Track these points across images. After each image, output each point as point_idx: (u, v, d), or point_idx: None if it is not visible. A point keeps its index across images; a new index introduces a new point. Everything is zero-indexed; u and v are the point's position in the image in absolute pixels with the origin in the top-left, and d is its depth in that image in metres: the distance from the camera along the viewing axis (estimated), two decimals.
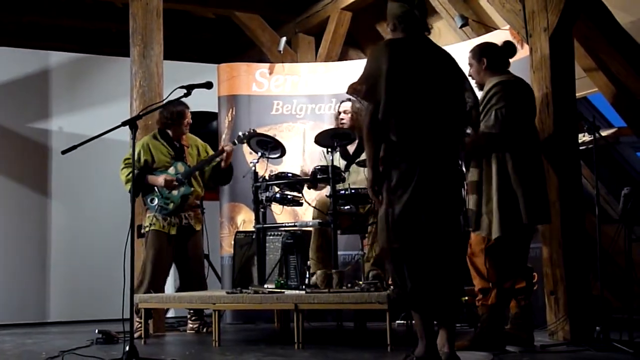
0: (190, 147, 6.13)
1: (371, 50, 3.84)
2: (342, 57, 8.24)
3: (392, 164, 3.68)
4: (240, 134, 6.12)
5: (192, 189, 5.98)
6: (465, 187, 4.44)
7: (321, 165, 5.62)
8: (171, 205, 5.91)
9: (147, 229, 5.93)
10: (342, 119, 6.00)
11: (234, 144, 6.15)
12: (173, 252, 6.00)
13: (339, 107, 6.12)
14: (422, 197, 3.62)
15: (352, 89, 3.81)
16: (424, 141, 3.68)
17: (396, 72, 3.67)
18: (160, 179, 5.88)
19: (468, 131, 4.16)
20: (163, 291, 5.97)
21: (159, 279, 5.88)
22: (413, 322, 3.79)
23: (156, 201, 5.92)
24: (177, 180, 5.89)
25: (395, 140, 3.68)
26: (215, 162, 6.08)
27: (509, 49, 4.74)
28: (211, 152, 6.17)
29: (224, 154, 6.02)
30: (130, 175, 5.79)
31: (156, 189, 5.91)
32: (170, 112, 5.94)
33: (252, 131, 6.07)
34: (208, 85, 4.45)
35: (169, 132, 6.05)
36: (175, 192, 5.91)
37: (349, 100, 5.97)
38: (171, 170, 5.97)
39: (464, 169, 4.45)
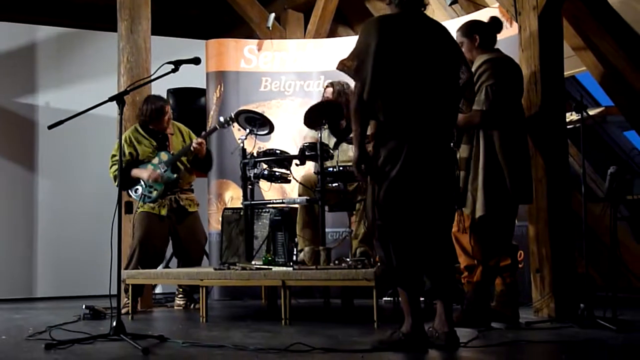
0: (174, 134, 6.13)
1: (362, 26, 3.80)
2: (331, 34, 8.20)
3: (380, 141, 3.68)
4: (221, 118, 6.11)
5: (175, 175, 5.96)
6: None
7: (309, 142, 5.62)
8: (154, 193, 5.92)
9: (137, 211, 5.94)
10: None
11: (216, 128, 6.13)
12: (167, 232, 5.99)
13: (324, 91, 6.11)
14: (409, 174, 3.63)
15: (342, 65, 3.79)
16: (412, 119, 3.67)
17: (385, 50, 3.63)
18: (144, 174, 5.90)
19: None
20: None
21: (147, 260, 5.82)
22: (400, 299, 3.81)
23: (140, 190, 5.93)
24: (161, 176, 5.89)
25: (382, 119, 3.68)
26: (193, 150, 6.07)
27: (496, 25, 4.73)
28: (194, 138, 6.12)
29: (196, 147, 5.97)
30: (117, 171, 5.79)
31: (140, 180, 5.94)
32: (149, 109, 5.93)
33: (233, 117, 6.06)
34: (196, 61, 4.43)
35: (151, 126, 6.04)
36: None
37: (331, 85, 5.97)
38: (155, 160, 5.96)
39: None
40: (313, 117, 5.49)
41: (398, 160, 3.62)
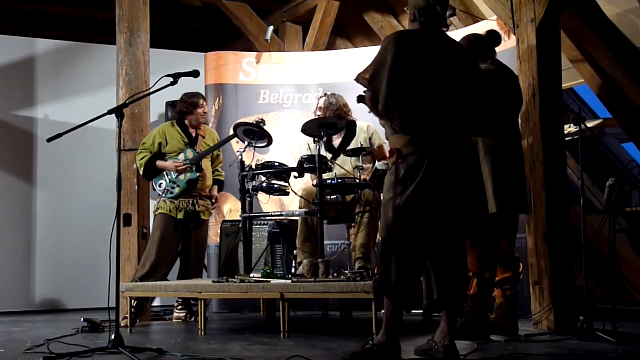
0: (206, 138, 6.26)
1: (383, 40, 3.90)
2: (330, 46, 8.23)
3: (400, 156, 3.69)
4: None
5: (199, 174, 6.04)
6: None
7: (308, 155, 5.62)
8: (177, 189, 5.98)
9: (155, 213, 6.03)
10: (319, 115, 6.00)
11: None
12: (180, 237, 6.07)
13: (318, 101, 6.13)
14: (428, 188, 3.66)
15: (359, 77, 3.89)
16: (430, 132, 3.70)
17: (401, 63, 3.70)
18: (169, 164, 6.00)
19: None
20: (167, 276, 5.98)
21: (163, 263, 5.91)
22: (384, 308, 3.80)
23: (164, 185, 6.01)
24: (186, 165, 6.00)
25: (399, 130, 3.71)
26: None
27: (493, 38, 4.73)
28: (217, 139, 6.35)
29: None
30: (143, 160, 5.99)
31: (164, 173, 6.02)
32: (185, 102, 6.14)
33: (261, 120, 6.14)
34: (195, 74, 4.44)
35: (187, 122, 6.17)
36: (182, 177, 5.99)
37: (325, 95, 6.00)
38: (181, 156, 6.06)
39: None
40: (311, 127, 5.49)
41: (418, 175, 3.66)
